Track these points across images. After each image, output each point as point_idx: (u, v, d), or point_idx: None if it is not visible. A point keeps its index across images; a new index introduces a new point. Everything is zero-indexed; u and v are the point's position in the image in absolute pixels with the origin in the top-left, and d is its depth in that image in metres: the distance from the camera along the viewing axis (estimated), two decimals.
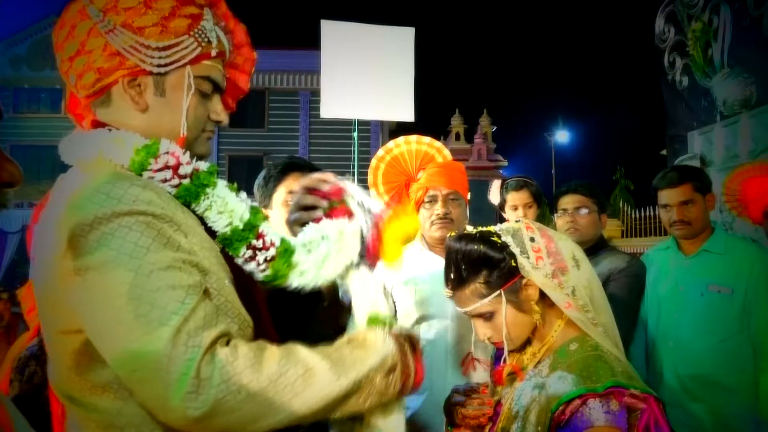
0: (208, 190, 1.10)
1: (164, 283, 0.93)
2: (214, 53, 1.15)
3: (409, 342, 1.09)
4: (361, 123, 4.25)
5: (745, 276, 2.30)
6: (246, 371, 0.91)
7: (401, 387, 1.05)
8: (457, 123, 32.80)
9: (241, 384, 0.90)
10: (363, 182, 3.10)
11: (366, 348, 1.03)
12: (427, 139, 2.62)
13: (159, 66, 1.09)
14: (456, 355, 2.30)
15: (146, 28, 1.07)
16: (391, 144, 2.65)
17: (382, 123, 19.70)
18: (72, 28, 1.10)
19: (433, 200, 2.38)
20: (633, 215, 13.09)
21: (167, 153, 1.07)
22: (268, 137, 20.84)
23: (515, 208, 2.92)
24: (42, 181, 18.93)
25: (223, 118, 1.21)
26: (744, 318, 2.29)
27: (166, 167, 1.06)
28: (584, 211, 2.59)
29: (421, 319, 2.36)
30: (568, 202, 2.63)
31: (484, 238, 1.34)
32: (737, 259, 2.35)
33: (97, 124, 1.14)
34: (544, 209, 3.06)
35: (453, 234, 1.39)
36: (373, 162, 2.65)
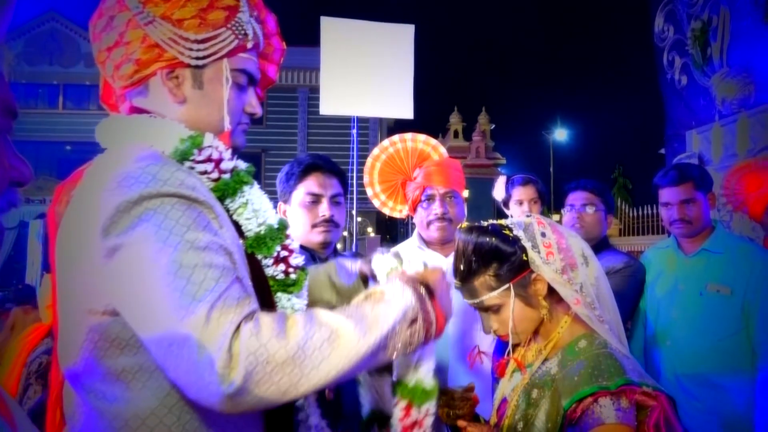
0: (245, 188, 1.11)
1: (201, 261, 0.93)
2: (249, 45, 1.16)
3: (426, 288, 1.07)
4: (360, 120, 4.25)
5: (745, 276, 2.30)
6: (272, 340, 0.89)
7: (425, 335, 1.04)
8: (455, 121, 32.85)
9: (269, 354, 0.88)
10: (362, 179, 3.10)
11: (386, 302, 1.01)
12: (422, 137, 2.61)
13: (197, 59, 1.10)
14: (457, 350, 2.30)
15: (185, 20, 1.07)
16: (386, 142, 2.64)
17: (380, 120, 19.70)
18: (110, 18, 1.09)
19: (430, 199, 2.38)
20: (631, 214, 13.11)
21: (211, 146, 1.09)
22: (267, 134, 20.83)
23: (521, 203, 2.94)
24: (39, 177, 18.90)
25: (258, 110, 1.23)
26: (742, 318, 2.29)
27: (209, 160, 1.08)
28: (591, 209, 2.61)
29: None
30: (576, 198, 2.65)
31: (496, 231, 1.34)
32: (737, 259, 2.35)
33: (135, 110, 1.15)
34: (544, 209, 3.08)
35: (463, 226, 1.38)
36: (369, 161, 2.65)
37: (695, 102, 6.33)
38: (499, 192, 3.08)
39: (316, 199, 1.99)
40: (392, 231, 22.94)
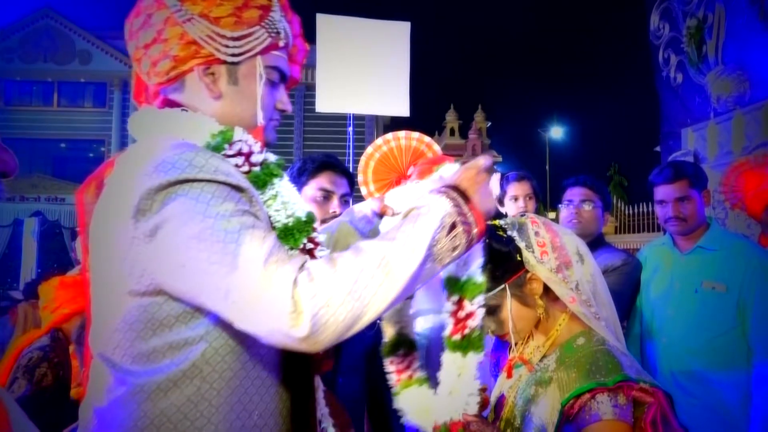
0: (275, 180, 1.14)
1: (244, 224, 0.96)
2: (281, 44, 1.20)
3: (460, 194, 1.10)
4: (356, 117, 4.25)
5: (740, 273, 2.30)
6: (327, 282, 0.93)
7: (467, 238, 1.07)
8: (451, 118, 32.86)
9: (328, 295, 0.92)
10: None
11: (422, 216, 1.04)
12: (416, 135, 2.61)
13: (233, 55, 1.13)
14: None
15: (222, 18, 1.11)
16: (380, 141, 2.64)
17: (376, 117, 19.68)
18: (148, 16, 1.13)
19: None
20: (626, 211, 13.16)
21: (241, 140, 1.12)
22: None
23: (516, 199, 2.94)
24: (33, 174, 18.79)
25: (289, 107, 1.26)
26: (737, 315, 2.29)
27: (239, 154, 1.11)
28: (589, 205, 2.61)
29: (417, 314, 2.36)
30: (574, 194, 2.65)
31: (490, 232, 1.34)
32: (732, 256, 2.36)
33: (168, 104, 1.19)
34: (540, 206, 3.07)
35: None
36: (363, 160, 2.65)
37: (691, 99, 6.34)
38: (493, 189, 3.08)
39: (327, 196, 2.05)
40: None
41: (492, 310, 1.34)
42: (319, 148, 18.93)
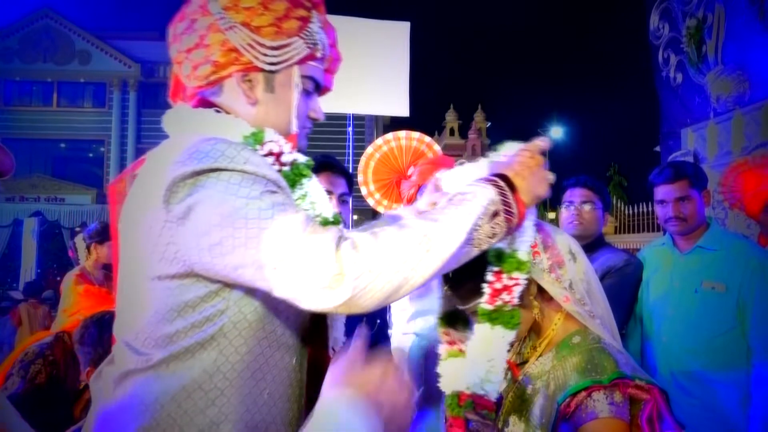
0: (304, 180, 1.18)
1: (275, 202, 1.00)
2: (318, 55, 1.24)
3: (506, 181, 1.13)
4: (356, 117, 4.25)
5: (739, 273, 2.31)
6: (370, 252, 0.97)
7: (507, 227, 1.11)
8: (451, 118, 32.91)
9: (371, 264, 0.96)
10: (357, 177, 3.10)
11: (468, 202, 1.07)
12: (416, 135, 2.61)
13: (271, 64, 1.17)
14: None
15: (263, 27, 1.15)
16: (380, 141, 2.64)
17: (376, 117, 19.69)
18: (192, 22, 1.17)
19: None
20: (626, 211, 13.17)
21: (271, 141, 1.16)
22: None
23: None
24: (33, 174, 18.79)
25: (321, 116, 1.30)
26: (737, 315, 2.30)
27: (270, 154, 1.15)
28: (589, 206, 2.60)
29: (416, 315, 2.37)
30: (574, 195, 2.64)
31: None
32: (732, 256, 2.36)
33: (202, 103, 1.22)
34: (539, 206, 3.07)
35: None
36: (363, 160, 2.65)
37: (690, 100, 6.34)
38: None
39: None
40: None
41: None
42: (318, 148, 18.91)
